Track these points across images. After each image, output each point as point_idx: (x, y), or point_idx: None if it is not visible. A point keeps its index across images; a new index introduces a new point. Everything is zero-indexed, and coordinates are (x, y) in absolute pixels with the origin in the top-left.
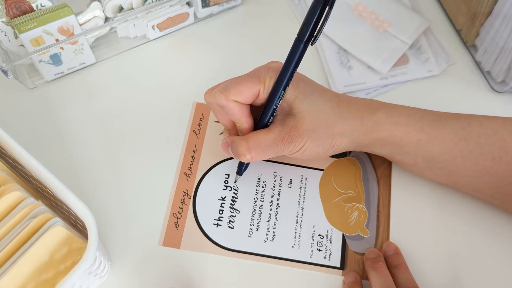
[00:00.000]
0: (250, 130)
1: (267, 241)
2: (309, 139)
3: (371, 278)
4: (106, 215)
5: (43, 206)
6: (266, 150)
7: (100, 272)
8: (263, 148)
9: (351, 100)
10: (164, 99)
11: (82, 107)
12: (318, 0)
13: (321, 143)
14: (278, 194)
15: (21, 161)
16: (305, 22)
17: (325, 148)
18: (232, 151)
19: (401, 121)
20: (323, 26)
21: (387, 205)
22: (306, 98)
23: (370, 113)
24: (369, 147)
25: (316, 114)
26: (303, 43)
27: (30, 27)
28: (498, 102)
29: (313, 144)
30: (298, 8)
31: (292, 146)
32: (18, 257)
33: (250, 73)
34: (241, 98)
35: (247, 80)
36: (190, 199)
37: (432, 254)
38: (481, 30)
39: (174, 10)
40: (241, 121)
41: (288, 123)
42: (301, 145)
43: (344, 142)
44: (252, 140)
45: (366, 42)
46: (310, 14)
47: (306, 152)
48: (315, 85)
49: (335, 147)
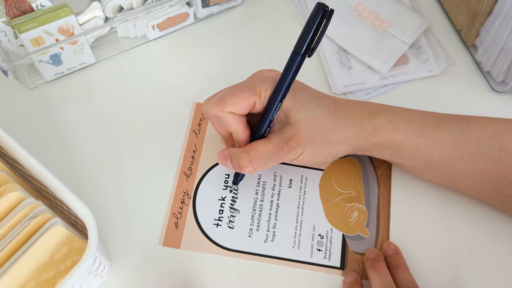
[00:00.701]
0: (247, 140)
1: (267, 241)
2: (308, 146)
3: (371, 278)
4: (106, 215)
5: (43, 206)
6: (267, 160)
7: (100, 272)
8: (264, 159)
9: (349, 105)
10: (164, 99)
11: (82, 107)
12: (315, 13)
13: (319, 150)
14: (278, 194)
15: (21, 161)
16: (302, 35)
17: (324, 154)
18: (233, 164)
19: (400, 126)
20: (320, 39)
21: (387, 205)
22: (303, 107)
23: (369, 118)
24: (369, 151)
25: (313, 122)
26: (300, 56)
27: (30, 27)
28: (498, 102)
29: (311, 151)
30: (298, 8)
31: (291, 154)
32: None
33: (246, 83)
34: (236, 109)
35: (242, 91)
36: (190, 199)
37: (432, 254)
38: (481, 30)
39: (174, 10)
40: (237, 132)
41: (286, 132)
42: (300, 152)
43: (343, 148)
44: (253, 152)
45: (366, 42)
46: (308, 27)
47: (305, 159)
48: (312, 93)
49: (334, 154)
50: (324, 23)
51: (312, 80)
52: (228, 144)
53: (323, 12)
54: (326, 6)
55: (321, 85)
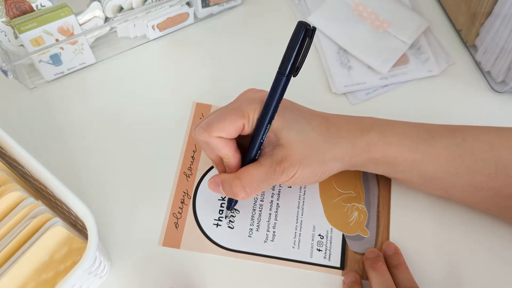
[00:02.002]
0: (238, 165)
1: (267, 241)
2: (301, 167)
3: (371, 278)
4: (106, 215)
5: (43, 206)
6: (260, 185)
7: (100, 272)
8: (257, 183)
9: (341, 121)
10: (164, 99)
11: (82, 107)
12: (297, 32)
13: (313, 171)
14: (278, 194)
15: (21, 161)
16: (285, 55)
17: (317, 175)
18: (225, 191)
19: (394, 141)
20: (304, 58)
21: (387, 205)
22: (293, 127)
23: (362, 135)
24: (363, 167)
25: (305, 143)
26: (285, 76)
27: (30, 27)
28: (498, 102)
29: (304, 172)
30: (298, 8)
31: (284, 176)
32: (18, 257)
33: (233, 106)
34: (225, 133)
35: (230, 115)
36: (190, 199)
37: (432, 254)
38: (481, 30)
39: (174, 10)
40: (228, 156)
41: (278, 154)
42: (293, 174)
43: (336, 167)
44: (245, 178)
45: (366, 42)
46: (290, 47)
47: (298, 180)
48: (301, 111)
49: (327, 172)
50: (307, 42)
51: (312, 80)
52: (219, 169)
53: (305, 31)
54: (308, 24)
55: (321, 85)
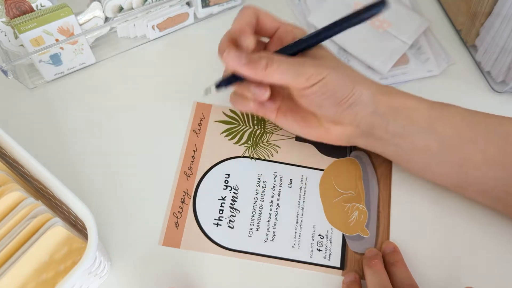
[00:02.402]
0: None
1: (267, 241)
2: (332, 71)
3: (366, 276)
4: (106, 215)
5: (43, 206)
6: (287, 68)
7: (100, 272)
8: (285, 64)
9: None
10: (164, 99)
11: (82, 107)
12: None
13: (343, 82)
14: (278, 194)
15: (21, 161)
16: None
17: (345, 91)
18: (241, 55)
19: (410, 96)
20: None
21: (387, 205)
22: (333, 57)
23: (382, 86)
24: (383, 119)
25: (339, 61)
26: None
27: (30, 27)
28: (498, 102)
29: (335, 78)
30: (298, 8)
31: (313, 70)
32: (18, 257)
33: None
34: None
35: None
36: (190, 198)
37: (432, 254)
38: (481, 30)
39: (174, 10)
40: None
41: (312, 54)
42: (323, 75)
43: (363, 93)
44: (275, 56)
45: (366, 42)
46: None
47: (327, 86)
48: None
49: (355, 95)
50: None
51: None
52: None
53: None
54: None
55: None
